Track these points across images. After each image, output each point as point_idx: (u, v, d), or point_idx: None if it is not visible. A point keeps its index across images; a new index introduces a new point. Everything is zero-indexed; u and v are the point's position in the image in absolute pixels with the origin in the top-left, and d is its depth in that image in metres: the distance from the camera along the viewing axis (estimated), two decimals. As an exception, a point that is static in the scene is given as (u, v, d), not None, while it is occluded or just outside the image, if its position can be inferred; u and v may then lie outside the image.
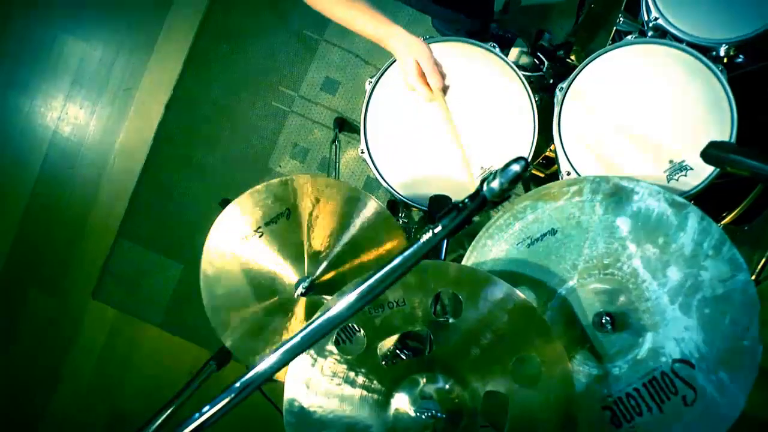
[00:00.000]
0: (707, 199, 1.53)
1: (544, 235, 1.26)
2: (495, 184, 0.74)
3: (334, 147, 2.28)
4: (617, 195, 1.22)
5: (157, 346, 2.64)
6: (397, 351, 1.42)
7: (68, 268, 2.68)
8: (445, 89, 1.38)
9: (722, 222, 1.72)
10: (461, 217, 0.77)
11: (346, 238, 1.45)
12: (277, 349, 0.74)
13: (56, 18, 2.63)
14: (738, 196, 1.51)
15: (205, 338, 2.56)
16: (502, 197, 0.76)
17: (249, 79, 2.48)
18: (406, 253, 0.76)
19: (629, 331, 1.18)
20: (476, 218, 1.66)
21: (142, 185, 2.62)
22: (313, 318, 0.75)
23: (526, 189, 1.84)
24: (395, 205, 2.08)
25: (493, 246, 1.29)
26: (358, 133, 1.69)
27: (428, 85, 1.35)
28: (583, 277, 1.22)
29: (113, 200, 2.64)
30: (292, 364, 0.81)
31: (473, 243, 1.31)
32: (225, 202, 1.46)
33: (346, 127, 2.44)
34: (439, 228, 0.77)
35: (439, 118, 1.45)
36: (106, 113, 2.65)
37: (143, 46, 2.58)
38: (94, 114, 2.65)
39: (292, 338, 0.74)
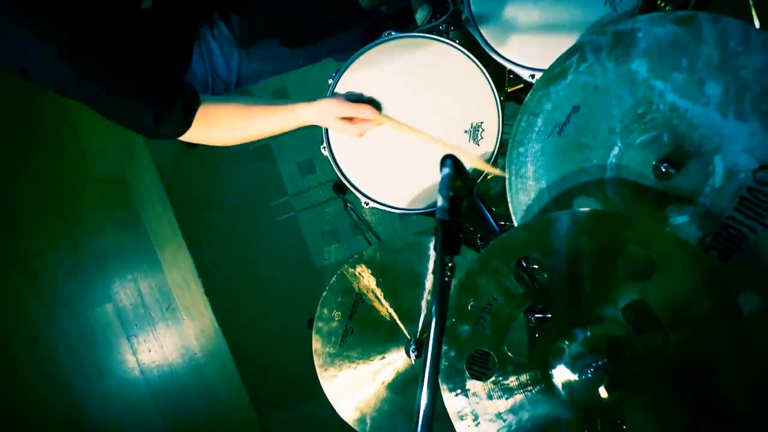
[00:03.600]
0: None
1: (569, 116, 1.20)
2: (441, 202, 0.73)
3: (349, 210, 2.25)
4: (621, 41, 1.14)
5: None
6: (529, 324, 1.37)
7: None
8: (378, 107, 1.46)
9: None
10: (445, 237, 0.75)
11: (427, 285, 1.46)
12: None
13: (73, 301, 2.69)
14: None
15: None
16: (459, 197, 0.74)
17: (244, 216, 2.49)
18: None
19: (695, 166, 1.11)
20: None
21: (240, 361, 2.64)
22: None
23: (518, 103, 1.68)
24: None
25: (527, 152, 1.24)
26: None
27: (364, 119, 1.42)
28: (625, 138, 1.16)
29: (229, 388, 2.69)
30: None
31: (507, 160, 1.26)
32: (310, 322, 1.51)
33: (345, 186, 2.37)
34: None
35: (395, 131, 1.48)
36: (170, 336, 2.69)
37: (148, 260, 2.59)
38: (162, 345, 2.71)
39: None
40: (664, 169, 1.09)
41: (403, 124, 1.44)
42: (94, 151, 2.53)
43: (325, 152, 1.56)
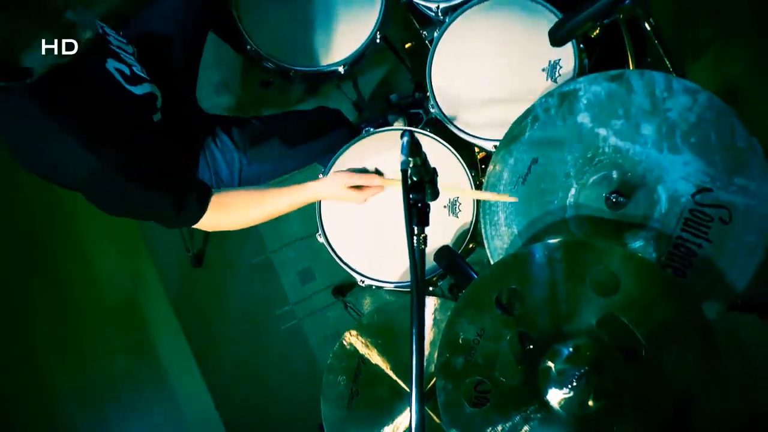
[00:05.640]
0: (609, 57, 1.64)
1: (529, 167, 1.36)
2: (403, 160, 0.88)
3: (349, 309, 2.37)
4: (566, 100, 1.34)
5: None
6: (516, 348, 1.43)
7: None
8: (381, 174, 1.63)
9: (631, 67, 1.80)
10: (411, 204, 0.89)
11: (427, 336, 1.51)
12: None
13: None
14: (620, 46, 1.60)
15: None
16: (417, 165, 0.89)
17: (250, 328, 2.53)
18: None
19: (642, 195, 1.25)
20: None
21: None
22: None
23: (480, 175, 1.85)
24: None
25: (497, 203, 1.39)
26: (356, 285, 1.76)
27: (372, 186, 1.58)
28: (579, 180, 1.31)
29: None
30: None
31: (480, 212, 1.41)
32: (321, 428, 1.56)
33: (344, 288, 2.49)
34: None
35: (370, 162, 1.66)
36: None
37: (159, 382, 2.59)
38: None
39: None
40: (614, 199, 1.23)
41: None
42: (104, 277, 2.63)
43: (321, 239, 1.70)
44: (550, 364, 1.14)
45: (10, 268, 2.65)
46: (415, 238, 0.87)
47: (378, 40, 1.84)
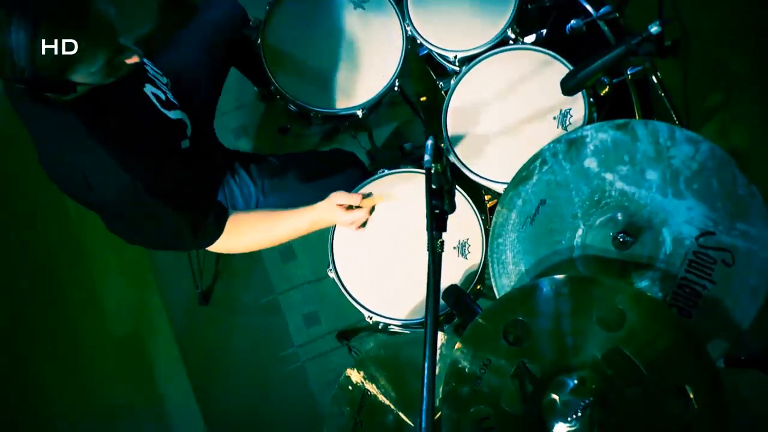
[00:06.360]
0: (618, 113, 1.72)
1: (537, 208, 1.41)
2: (426, 159, 0.94)
3: (353, 354, 2.38)
4: (573, 146, 1.40)
5: None
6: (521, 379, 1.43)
7: None
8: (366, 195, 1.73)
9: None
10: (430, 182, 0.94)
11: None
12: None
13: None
14: (628, 104, 1.68)
15: None
16: (438, 172, 0.94)
17: (254, 369, 2.53)
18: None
19: (648, 236, 1.29)
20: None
21: None
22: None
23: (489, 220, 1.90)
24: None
25: (505, 242, 1.43)
26: (360, 331, 1.80)
27: (362, 206, 1.68)
28: (586, 221, 1.36)
29: None
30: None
31: (489, 251, 1.45)
32: None
33: (349, 333, 2.51)
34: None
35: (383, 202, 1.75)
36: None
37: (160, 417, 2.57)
38: None
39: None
40: (621, 239, 1.27)
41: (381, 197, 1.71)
42: (111, 307, 2.64)
43: (331, 274, 1.74)
44: (555, 396, 1.15)
45: (15, 290, 2.67)
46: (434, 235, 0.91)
47: (396, 88, 1.93)
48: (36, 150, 1.36)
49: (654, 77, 1.48)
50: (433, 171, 0.94)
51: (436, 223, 0.92)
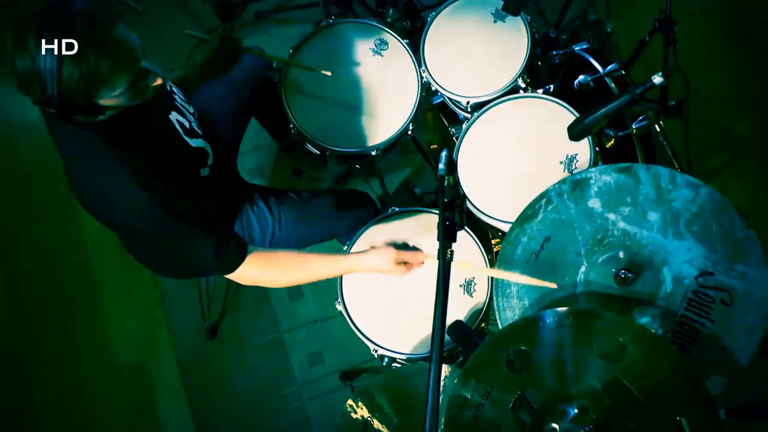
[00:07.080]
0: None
1: (542, 245, 1.46)
2: (441, 168, 1.00)
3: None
4: (578, 187, 1.46)
5: None
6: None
7: None
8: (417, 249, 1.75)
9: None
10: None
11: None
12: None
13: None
14: (632, 155, 1.75)
15: None
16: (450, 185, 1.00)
17: (255, 405, 2.54)
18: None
19: (649, 275, 1.33)
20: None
21: None
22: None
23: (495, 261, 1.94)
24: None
25: (511, 277, 1.47)
26: (363, 371, 1.84)
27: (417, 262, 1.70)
28: (589, 258, 1.41)
29: None
30: None
31: (493, 285, 1.49)
32: None
33: (352, 374, 2.52)
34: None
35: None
36: None
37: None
38: None
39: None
40: (623, 275, 1.32)
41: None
42: (117, 336, 2.66)
43: (339, 307, 1.78)
44: (556, 426, 1.17)
45: (24, 316, 2.70)
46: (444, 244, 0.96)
47: (409, 132, 2.02)
48: (64, 170, 1.42)
49: (657, 126, 1.55)
50: (446, 183, 1.00)
51: (447, 234, 0.97)
